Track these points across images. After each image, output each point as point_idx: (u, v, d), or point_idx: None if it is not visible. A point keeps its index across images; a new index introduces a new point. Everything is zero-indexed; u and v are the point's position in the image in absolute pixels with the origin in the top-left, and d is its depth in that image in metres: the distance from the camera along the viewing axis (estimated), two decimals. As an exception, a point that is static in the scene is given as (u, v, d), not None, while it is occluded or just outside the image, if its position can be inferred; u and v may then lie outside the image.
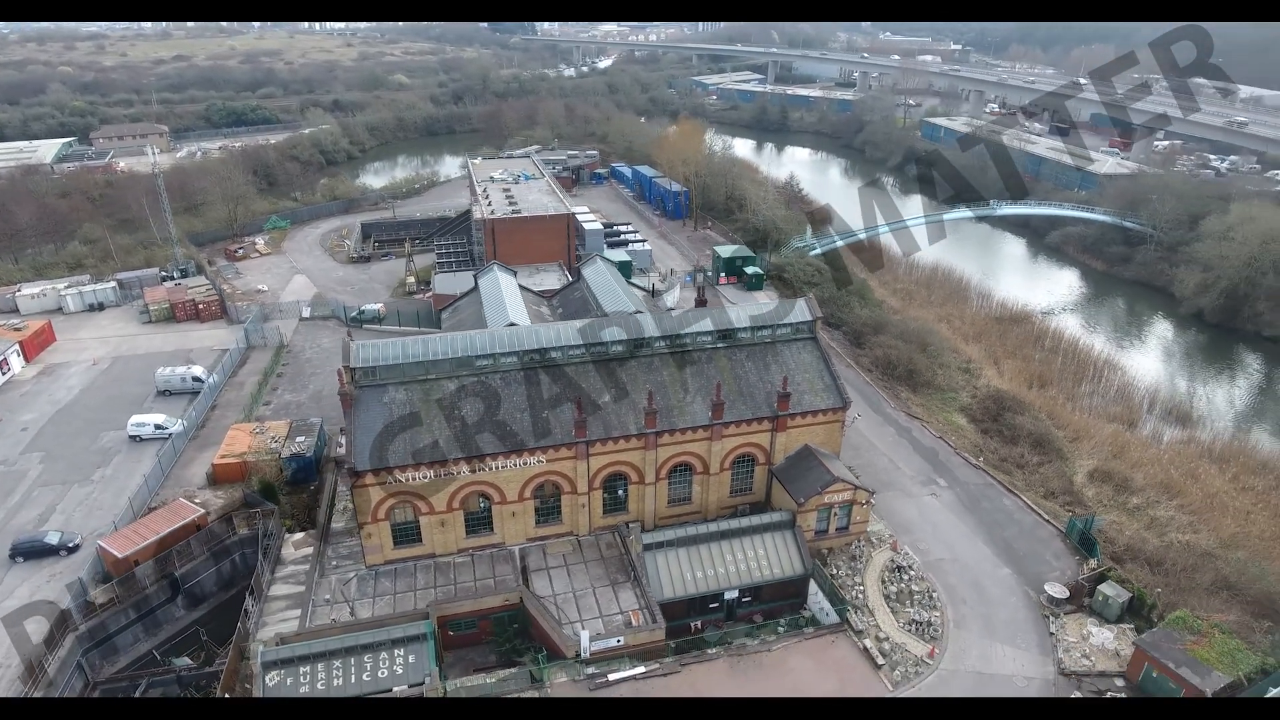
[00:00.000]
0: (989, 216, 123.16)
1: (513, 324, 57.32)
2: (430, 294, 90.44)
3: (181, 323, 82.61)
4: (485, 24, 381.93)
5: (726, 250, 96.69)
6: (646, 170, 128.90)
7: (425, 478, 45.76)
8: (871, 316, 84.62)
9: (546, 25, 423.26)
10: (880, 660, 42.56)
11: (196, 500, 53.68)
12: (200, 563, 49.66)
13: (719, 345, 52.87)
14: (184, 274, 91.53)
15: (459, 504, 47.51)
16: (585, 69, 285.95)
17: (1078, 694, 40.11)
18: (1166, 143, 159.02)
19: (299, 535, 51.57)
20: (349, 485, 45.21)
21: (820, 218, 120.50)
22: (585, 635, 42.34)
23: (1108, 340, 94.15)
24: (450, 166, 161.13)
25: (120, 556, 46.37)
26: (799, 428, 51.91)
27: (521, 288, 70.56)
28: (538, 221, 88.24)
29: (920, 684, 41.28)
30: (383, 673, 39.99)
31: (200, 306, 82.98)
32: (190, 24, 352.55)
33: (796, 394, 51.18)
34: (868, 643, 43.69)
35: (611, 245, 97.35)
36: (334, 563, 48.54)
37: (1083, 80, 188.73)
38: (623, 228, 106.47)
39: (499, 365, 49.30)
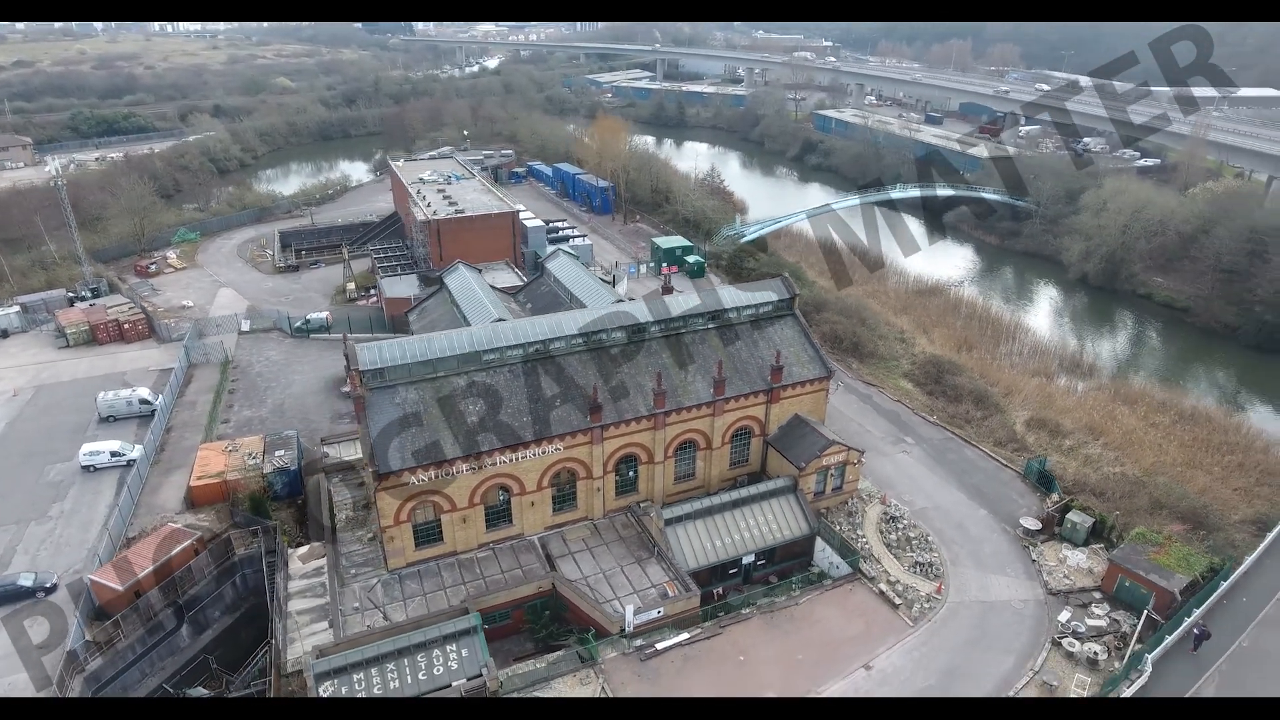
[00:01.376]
0: (888, 200, 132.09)
1: (500, 319, 57.52)
2: (375, 299, 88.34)
3: (104, 345, 76.54)
4: (360, 24, 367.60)
5: (665, 241, 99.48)
6: (568, 167, 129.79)
7: (450, 475, 45.68)
8: (812, 295, 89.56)
9: (422, 25, 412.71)
10: (897, 601, 46.48)
11: (178, 525, 50.81)
12: (203, 587, 47.29)
13: (710, 326, 55.38)
14: (95, 293, 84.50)
15: (480, 498, 47.63)
16: (474, 68, 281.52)
17: (1066, 614, 45.29)
18: (1027, 129, 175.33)
19: (303, 549, 49.88)
20: (372, 489, 44.37)
21: (738, 207, 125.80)
22: (630, 609, 43.79)
23: (1014, 305, 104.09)
24: (354, 171, 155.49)
25: (121, 589, 43.51)
26: (790, 398, 55.29)
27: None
28: (483, 220, 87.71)
29: (935, 617, 45.44)
30: (438, 670, 39.90)
31: (125, 326, 77.13)
32: (22, 25, 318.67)
33: (785, 366, 54.49)
34: (882, 586, 47.55)
35: (552, 241, 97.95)
36: (351, 571, 47.46)
37: (954, 72, 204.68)
38: (559, 224, 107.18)
39: (505, 359, 49.67)
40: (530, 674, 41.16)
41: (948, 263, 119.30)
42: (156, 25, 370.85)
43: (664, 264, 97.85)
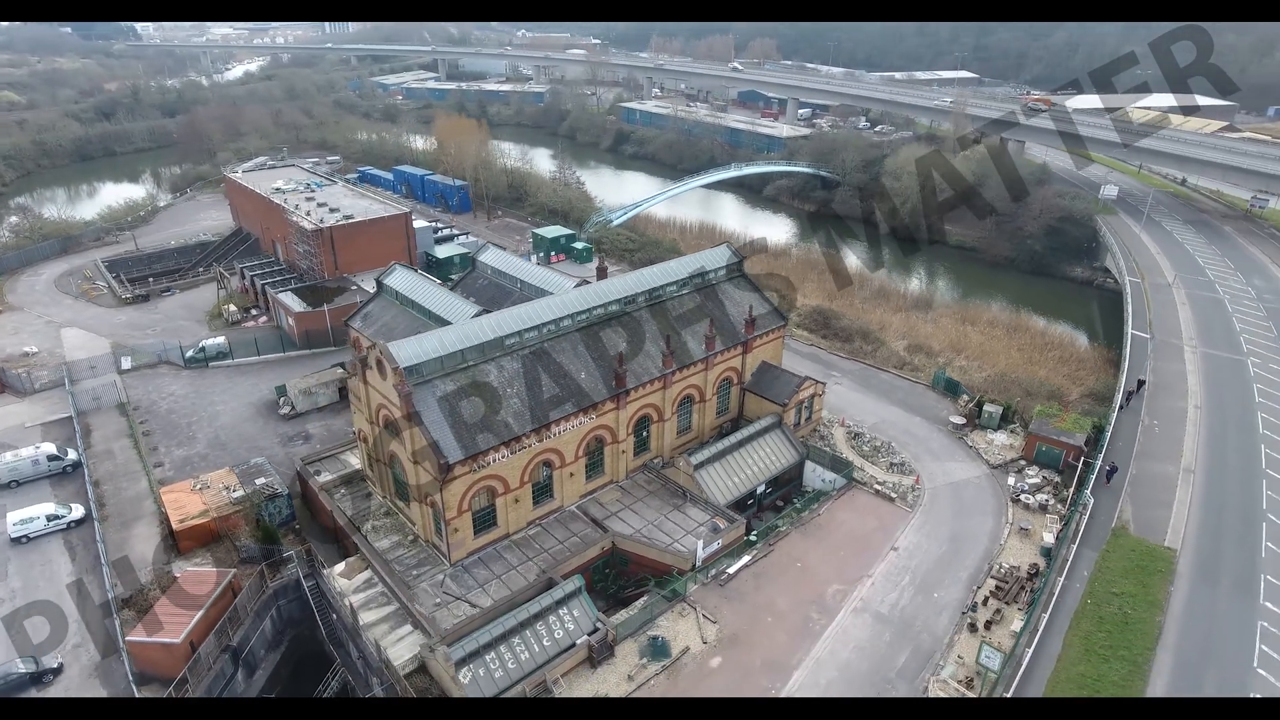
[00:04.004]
0: (719, 182, 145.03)
1: (484, 310, 58.16)
2: (265, 319, 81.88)
3: (-57, 407, 63.79)
4: (69, 28, 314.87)
5: (549, 231, 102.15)
6: (412, 169, 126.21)
7: (504, 456, 46.70)
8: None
9: (143, 28, 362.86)
10: (892, 495, 55.55)
11: (192, 570, 46.15)
12: (249, 627, 43.79)
13: (684, 292, 60.67)
14: (-102, 352, 69.24)
15: (528, 476, 49.02)
16: (233, 73, 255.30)
17: (1012, 479, 57.17)
18: (804, 111, 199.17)
19: (340, 566, 47.81)
20: (439, 483, 44.12)
21: (590, 197, 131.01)
22: (700, 544, 48.19)
23: (848, 259, 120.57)
24: (133, 191, 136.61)
25: (177, 641, 39.35)
26: (759, 347, 62.36)
27: (424, 285, 69.26)
28: (377, 224, 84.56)
29: (923, 501, 55.08)
30: (559, 633, 41.69)
31: (-30, 383, 64.80)
32: None
33: (755, 319, 61.42)
34: (876, 487, 56.40)
35: (439, 241, 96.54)
36: (413, 573, 46.64)
37: (738, 65, 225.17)
38: (438, 224, 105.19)
39: (524, 342, 51.16)
40: (635, 619, 44.14)
41: (779, 229, 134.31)
42: None
43: (551, 252, 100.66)
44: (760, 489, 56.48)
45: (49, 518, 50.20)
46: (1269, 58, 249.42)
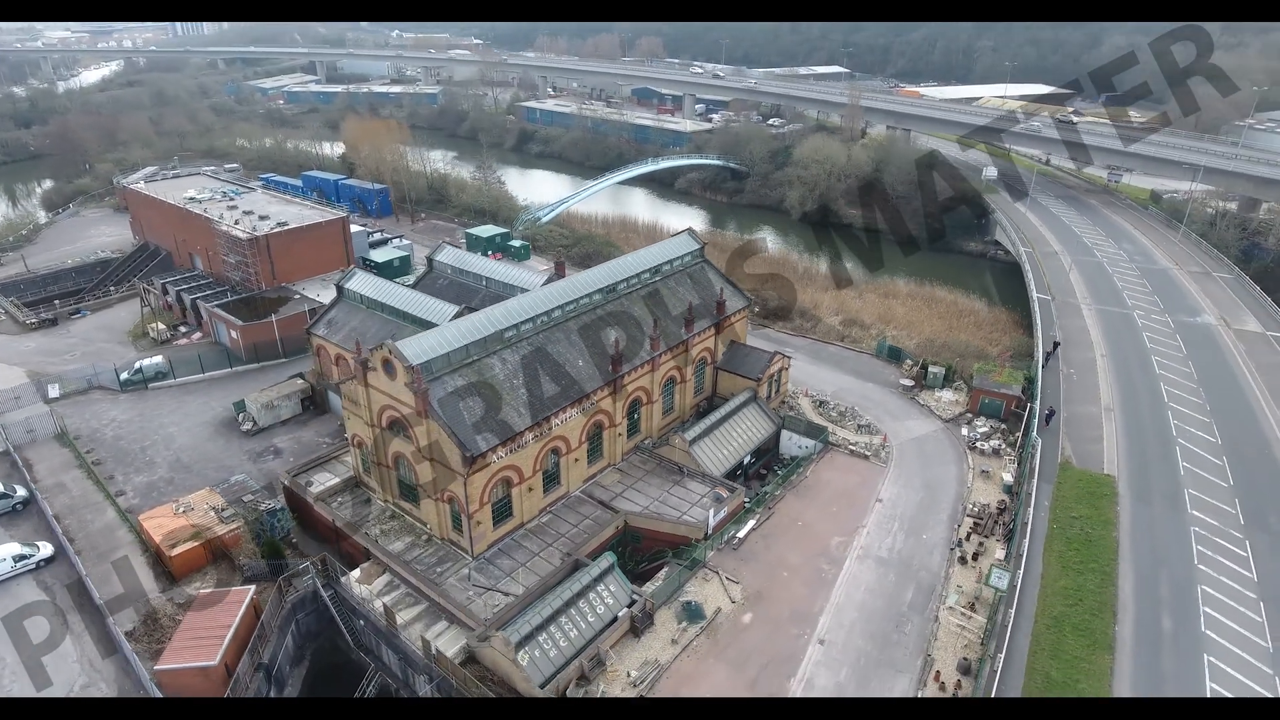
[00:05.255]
0: (633, 178, 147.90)
1: (470, 308, 58.20)
2: (199, 335, 77.48)
3: None
4: None
5: (484, 231, 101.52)
6: (323, 175, 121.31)
7: (521, 446, 47.44)
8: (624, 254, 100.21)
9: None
10: (867, 454, 60.21)
11: (203, 590, 44.11)
12: (275, 644, 42.43)
13: (656, 279, 62.95)
14: None
15: (539, 465, 49.89)
16: (85, 78, 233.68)
17: (965, 430, 63.26)
18: (699, 107, 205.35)
19: (356, 573, 47.04)
20: (463, 476, 44.29)
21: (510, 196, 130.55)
22: (711, 513, 50.72)
23: (769, 244, 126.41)
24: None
25: (213, 664, 37.81)
26: (728, 327, 65.59)
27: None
28: (313, 230, 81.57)
29: (895, 456, 60.10)
30: (600, 609, 43.12)
31: (-125, 425, 57.90)
32: None
33: (724, 301, 64.53)
34: (850, 448, 60.94)
35: (374, 245, 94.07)
36: (437, 570, 46.54)
37: (627, 59, 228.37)
38: (369, 229, 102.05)
39: (521, 334, 51.87)
40: (664, 588, 46.11)
41: (693, 220, 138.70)
42: None
43: (488, 251, 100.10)
44: (746, 459, 59.70)
45: (16, 558, 46.29)
46: (1096, 50, 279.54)
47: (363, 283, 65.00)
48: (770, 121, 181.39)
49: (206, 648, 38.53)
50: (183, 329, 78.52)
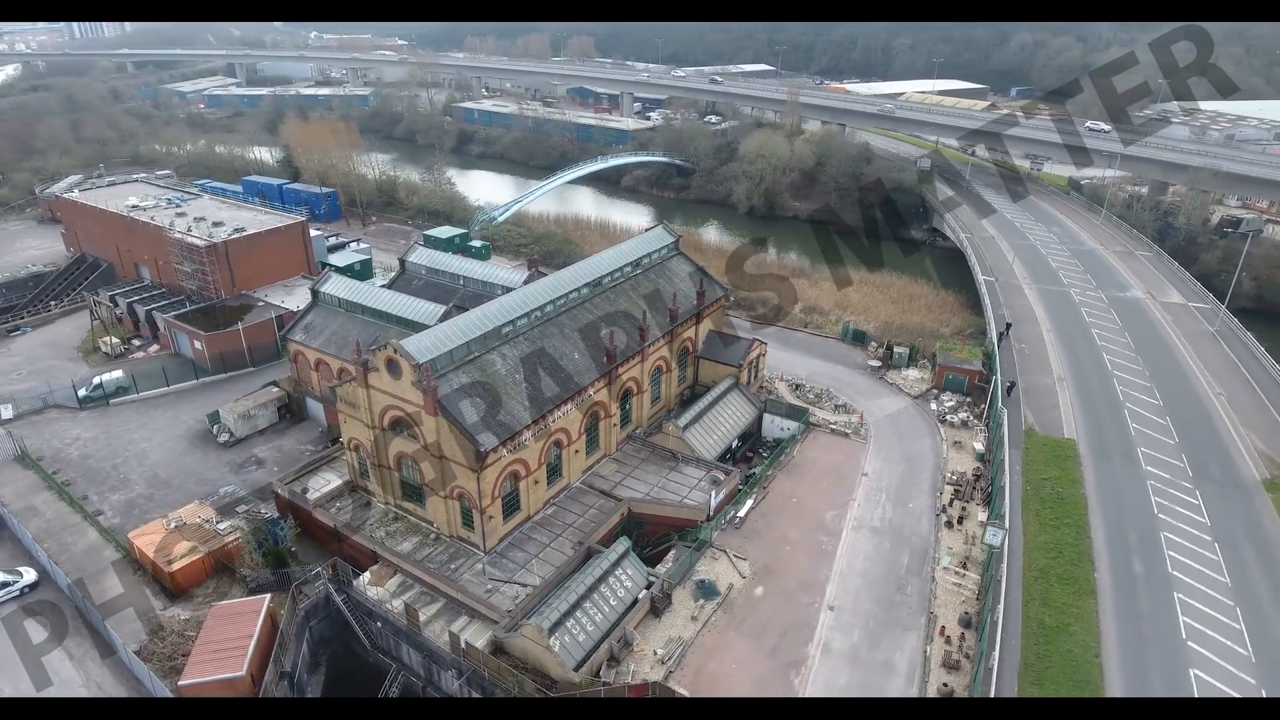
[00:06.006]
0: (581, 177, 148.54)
1: (459, 307, 58.18)
2: (157, 348, 74.53)
3: None
4: None
5: (442, 232, 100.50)
6: (265, 180, 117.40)
7: (529, 439, 47.98)
8: (590, 252, 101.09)
9: None
10: (847, 432, 63.04)
11: (218, 605, 43.06)
12: (294, 651, 41.84)
13: (637, 272, 64.22)
14: None
15: (544, 457, 50.50)
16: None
17: (934, 405, 66.94)
18: (638, 105, 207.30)
19: (365, 576, 46.67)
20: (475, 472, 44.53)
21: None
22: (714, 494, 52.36)
23: (715, 237, 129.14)
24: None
25: (241, 674, 37.11)
26: (707, 317, 67.41)
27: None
28: (273, 235, 79.34)
29: (872, 433, 63.12)
30: (621, 592, 44.19)
31: None
32: None
33: (704, 292, 66.27)
34: (832, 427, 63.68)
35: (332, 249, 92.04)
36: (449, 567, 46.62)
37: (558, 59, 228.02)
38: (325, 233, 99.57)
39: (518, 329, 52.34)
40: (677, 569, 47.42)
41: (642, 217, 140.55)
42: None
43: (448, 253, 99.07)
44: (734, 444, 61.64)
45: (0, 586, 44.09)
46: (1004, 47, 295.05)
47: (340, 286, 63.93)
48: (707, 119, 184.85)
49: (232, 659, 37.77)
50: (136, 342, 75.24)
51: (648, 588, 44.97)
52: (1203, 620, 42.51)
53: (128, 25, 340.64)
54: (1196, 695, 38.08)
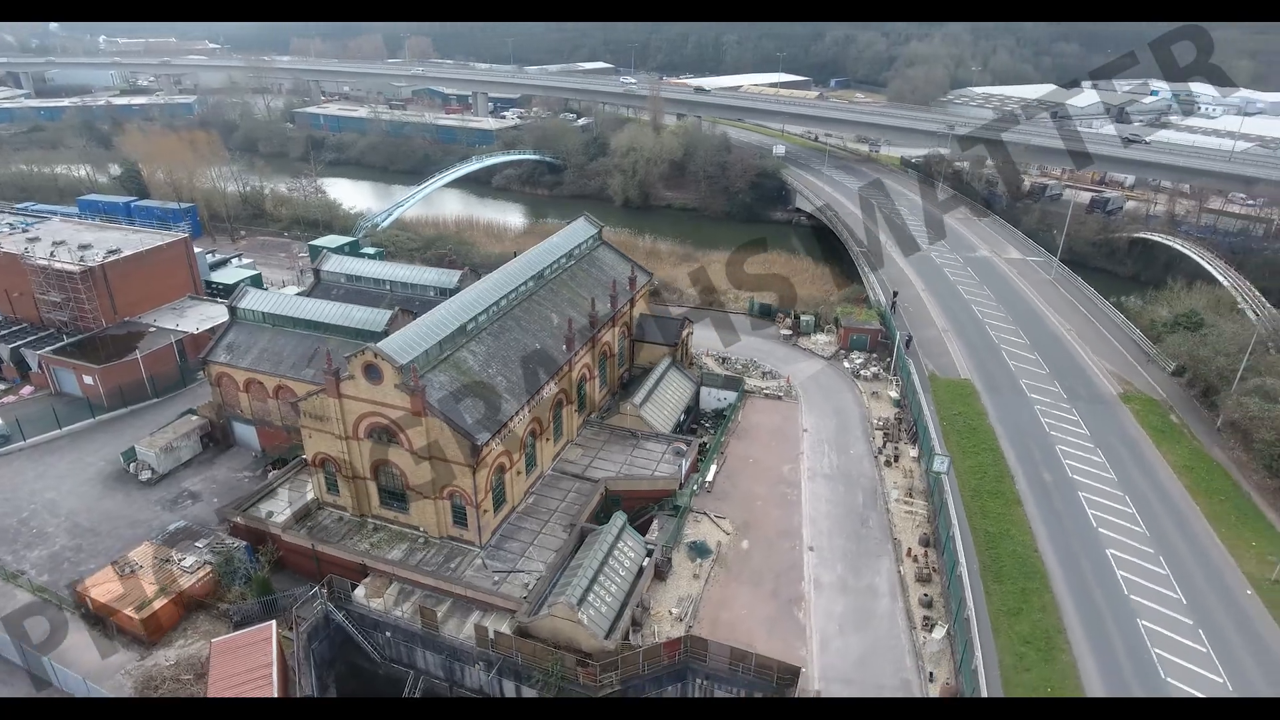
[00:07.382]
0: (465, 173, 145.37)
1: (407, 311, 57.14)
2: (33, 389, 66.67)
3: None
4: None
5: (330, 241, 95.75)
6: (108, 199, 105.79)
7: (512, 431, 48.65)
8: (497, 251, 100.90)
9: None
10: (780, 394, 68.39)
11: (215, 640, 40.49)
12: (307, 675, 40.31)
13: (571, 263, 65.87)
14: None
15: (523, 448, 51.26)
16: None
17: (846, 364, 73.89)
18: (491, 105, 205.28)
19: (359, 590, 45.54)
20: (472, 467, 44.70)
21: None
22: (683, 462, 55.44)
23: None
24: None
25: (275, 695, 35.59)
26: (638, 300, 70.26)
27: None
28: (154, 255, 72.63)
29: (801, 392, 68.88)
30: (627, 562, 46.25)
31: None
32: None
33: (635, 278, 69.05)
34: (765, 391, 68.80)
35: (214, 266, 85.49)
36: (449, 567, 46.50)
37: (393, 61, 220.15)
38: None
39: (480, 325, 52.62)
40: (669, 534, 50.09)
41: (517, 214, 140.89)
42: None
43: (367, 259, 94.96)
44: (681, 417, 65.11)
45: (-64, 663, 38.87)
46: (820, 42, 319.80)
47: (262, 300, 60.41)
48: (563, 115, 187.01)
49: (256, 691, 36.06)
50: (1, 386, 66.61)
51: (649, 555, 47.36)
52: (1104, 510, 51.32)
53: None
54: (1116, 573, 46.11)
